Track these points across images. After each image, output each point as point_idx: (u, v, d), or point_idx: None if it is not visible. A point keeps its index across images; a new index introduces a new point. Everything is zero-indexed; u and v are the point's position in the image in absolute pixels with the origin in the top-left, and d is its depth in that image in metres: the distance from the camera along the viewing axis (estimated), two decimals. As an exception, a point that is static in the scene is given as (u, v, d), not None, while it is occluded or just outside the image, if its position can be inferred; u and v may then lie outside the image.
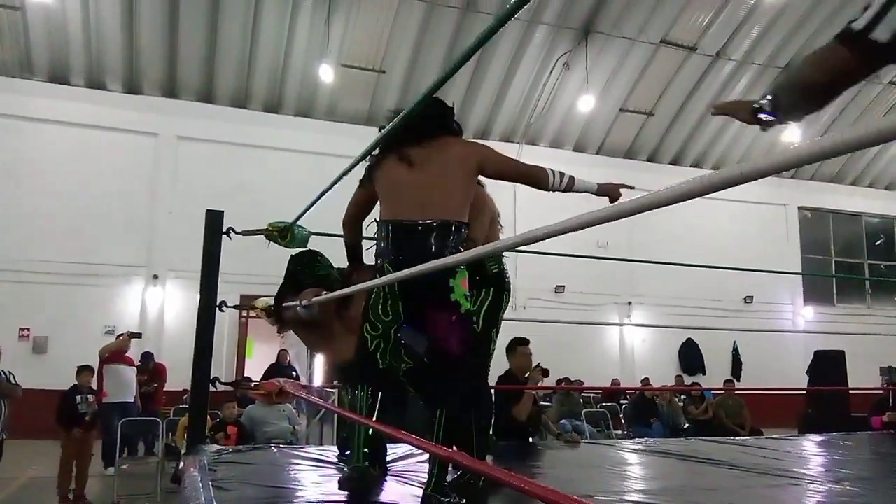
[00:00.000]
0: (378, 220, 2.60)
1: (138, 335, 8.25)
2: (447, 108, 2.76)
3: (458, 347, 2.47)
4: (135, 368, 7.94)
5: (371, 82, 12.22)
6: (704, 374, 12.91)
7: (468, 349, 2.51)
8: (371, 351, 2.65)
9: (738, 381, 12.69)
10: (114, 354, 7.75)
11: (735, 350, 13.66)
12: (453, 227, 2.46)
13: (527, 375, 4.64)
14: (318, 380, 8.48)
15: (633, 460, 3.94)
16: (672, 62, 12.88)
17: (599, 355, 12.87)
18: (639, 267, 12.21)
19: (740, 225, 14.24)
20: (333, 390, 7.59)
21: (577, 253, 7.17)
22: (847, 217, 16.01)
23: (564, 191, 2.65)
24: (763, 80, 13.47)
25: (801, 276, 14.57)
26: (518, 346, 4.70)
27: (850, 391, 9.44)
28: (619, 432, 8.49)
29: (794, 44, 12.81)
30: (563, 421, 8.86)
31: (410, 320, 2.55)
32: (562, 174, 2.62)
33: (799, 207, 15.50)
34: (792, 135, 13.37)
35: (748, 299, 13.86)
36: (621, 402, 9.54)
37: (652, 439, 5.52)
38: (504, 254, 2.86)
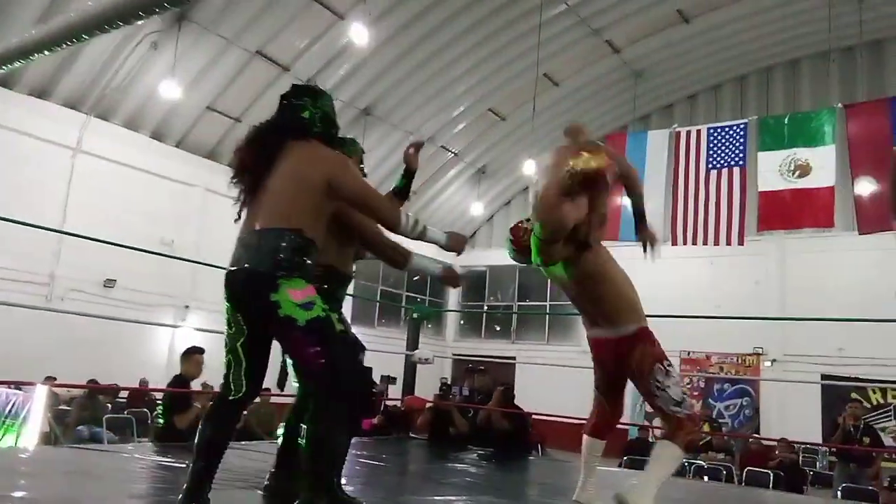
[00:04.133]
0: None
1: None
2: (302, 105, 2.64)
3: (314, 361, 2.35)
4: None
5: None
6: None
7: (326, 358, 2.36)
8: (224, 374, 2.46)
9: (282, 390, 13.28)
10: None
11: (283, 360, 14.33)
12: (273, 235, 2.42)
13: None
14: None
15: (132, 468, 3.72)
16: (265, 75, 13.08)
17: (146, 357, 12.05)
18: (202, 270, 11.90)
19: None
20: None
21: (137, 246, 6.61)
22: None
23: (416, 238, 2.64)
24: (346, 116, 14.68)
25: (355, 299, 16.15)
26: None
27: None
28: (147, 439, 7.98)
29: (375, 90, 14.31)
30: (80, 427, 7.95)
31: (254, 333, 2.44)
32: (416, 221, 2.61)
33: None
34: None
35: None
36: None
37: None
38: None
